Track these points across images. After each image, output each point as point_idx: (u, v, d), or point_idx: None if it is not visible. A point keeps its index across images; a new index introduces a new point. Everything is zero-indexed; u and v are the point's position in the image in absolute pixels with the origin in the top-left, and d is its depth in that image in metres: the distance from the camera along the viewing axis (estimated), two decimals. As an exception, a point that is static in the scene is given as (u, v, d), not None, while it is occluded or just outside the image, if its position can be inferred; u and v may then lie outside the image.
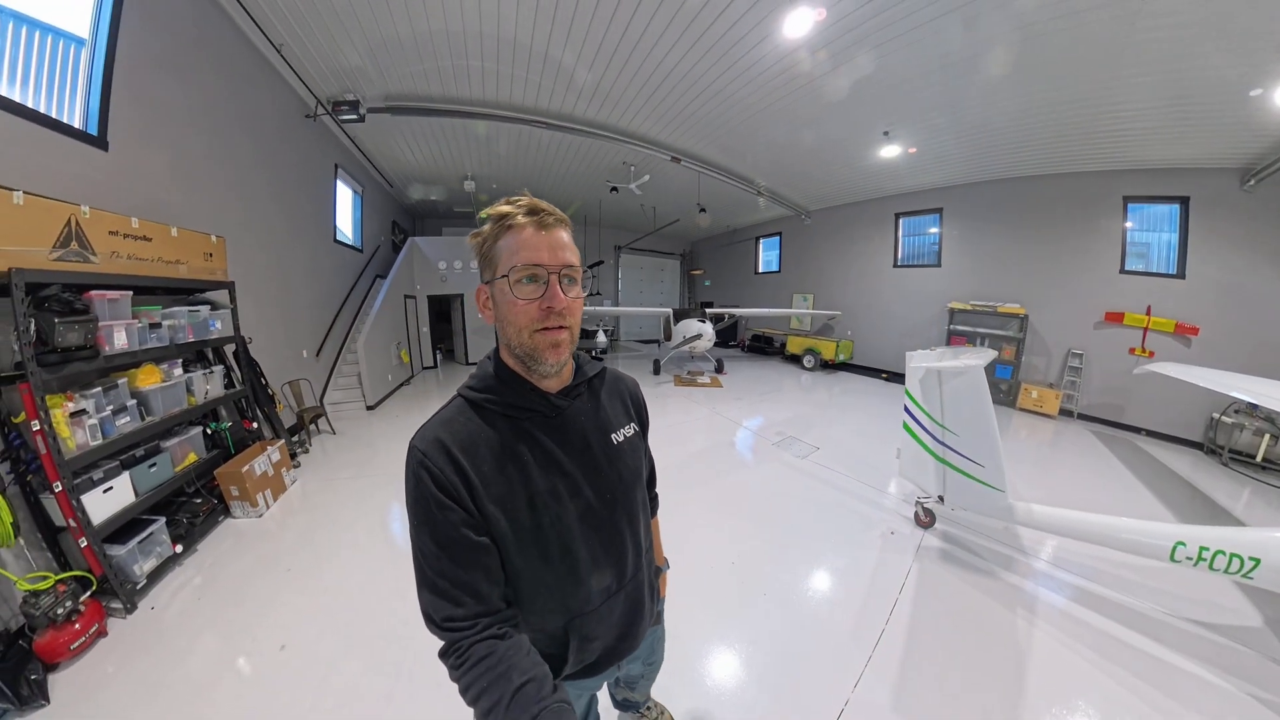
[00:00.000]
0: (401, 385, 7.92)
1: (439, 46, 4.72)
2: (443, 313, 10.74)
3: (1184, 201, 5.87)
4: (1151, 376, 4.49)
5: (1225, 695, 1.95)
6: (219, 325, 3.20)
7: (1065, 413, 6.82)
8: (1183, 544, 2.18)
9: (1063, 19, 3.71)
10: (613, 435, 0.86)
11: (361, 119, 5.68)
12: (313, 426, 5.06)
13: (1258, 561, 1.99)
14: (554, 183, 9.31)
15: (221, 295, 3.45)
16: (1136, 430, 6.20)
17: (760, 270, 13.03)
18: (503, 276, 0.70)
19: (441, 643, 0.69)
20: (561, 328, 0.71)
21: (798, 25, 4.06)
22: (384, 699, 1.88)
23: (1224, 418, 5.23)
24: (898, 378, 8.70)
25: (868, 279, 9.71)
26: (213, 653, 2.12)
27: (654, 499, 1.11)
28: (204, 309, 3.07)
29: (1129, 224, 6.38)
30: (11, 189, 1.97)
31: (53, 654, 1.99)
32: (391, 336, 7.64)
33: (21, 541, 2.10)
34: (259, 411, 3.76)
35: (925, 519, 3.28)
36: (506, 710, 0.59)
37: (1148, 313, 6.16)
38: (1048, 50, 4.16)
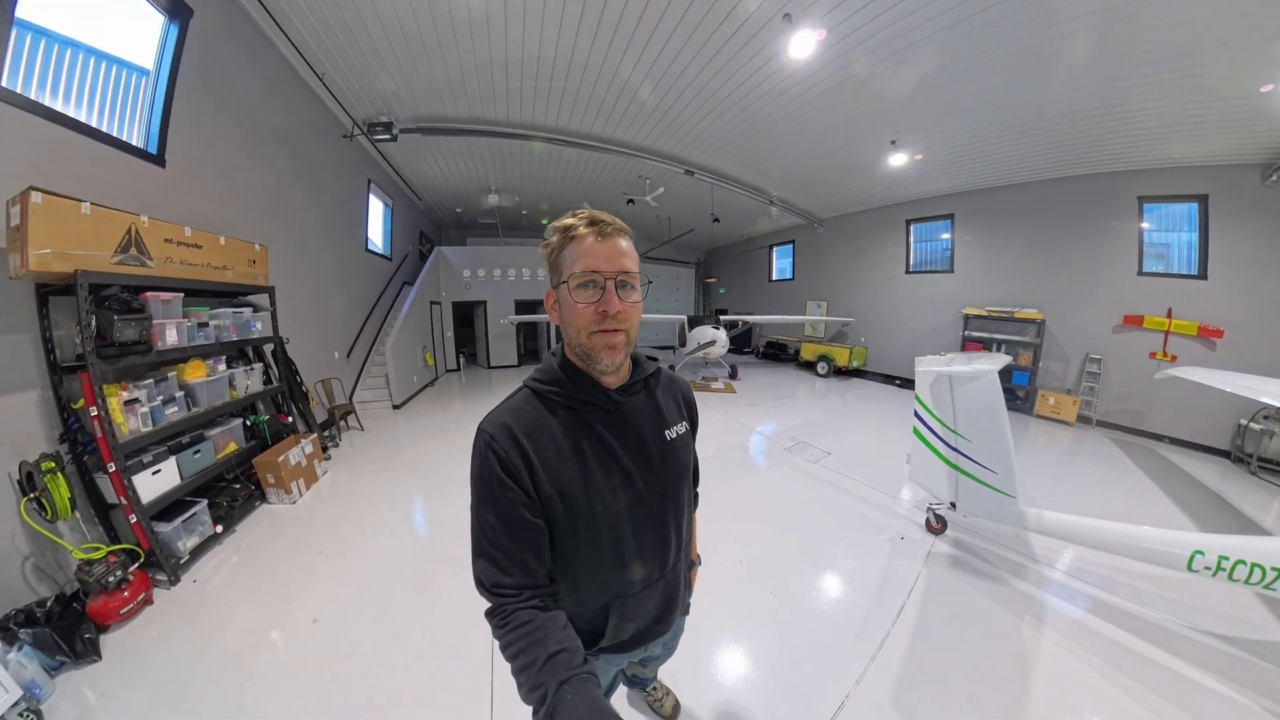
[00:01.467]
0: (426, 386, 8.15)
1: (467, 73, 4.95)
2: (466, 318, 11.03)
3: (1202, 200, 5.57)
4: (1173, 382, 4.14)
5: (1240, 709, 1.84)
6: (260, 326, 3.40)
7: (1084, 419, 6.48)
8: (1201, 553, 2.06)
9: (1065, 24, 3.65)
10: (667, 431, 0.88)
11: (394, 138, 5.96)
12: (342, 423, 5.26)
13: None
14: (573, 196, 9.51)
15: (262, 299, 3.66)
16: (1159, 438, 5.84)
17: (774, 278, 12.94)
18: (564, 282, 0.75)
19: (489, 604, 0.74)
20: (617, 330, 0.74)
21: (802, 47, 4.15)
22: (406, 669, 1.97)
23: (1252, 424, 4.90)
24: (911, 384, 8.48)
25: (880, 285, 9.54)
26: (249, 623, 2.25)
27: (695, 496, 1.10)
28: (247, 311, 3.27)
29: (1145, 225, 6.09)
30: (79, 199, 2.17)
31: (104, 617, 2.14)
32: (417, 340, 7.89)
33: (77, 515, 2.27)
34: (294, 407, 3.96)
35: (936, 525, 3.14)
36: (539, 672, 0.64)
37: (1168, 315, 5.83)
38: (1053, 56, 4.08)
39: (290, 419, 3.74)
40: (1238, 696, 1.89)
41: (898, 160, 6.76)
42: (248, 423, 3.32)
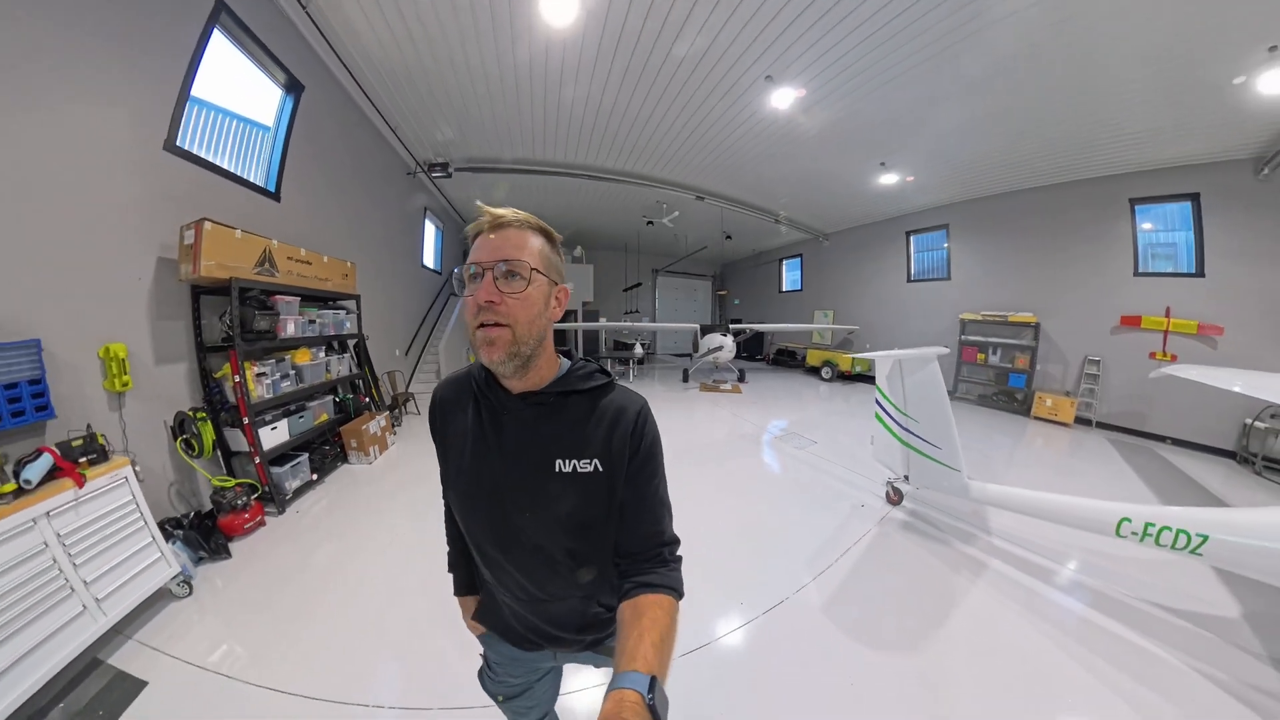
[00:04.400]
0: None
1: (510, 123, 5.70)
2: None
3: (1194, 198, 5.46)
4: (1176, 382, 3.87)
5: (1151, 658, 1.96)
6: (349, 325, 4.13)
7: (1084, 421, 6.34)
8: (1128, 520, 2.17)
9: (1035, 44, 3.82)
10: (558, 461, 0.69)
11: (449, 176, 6.79)
12: (402, 407, 5.98)
13: (1205, 538, 1.95)
14: (599, 218, 10.20)
15: (351, 304, 4.40)
16: (1161, 439, 5.65)
17: (784, 289, 13.18)
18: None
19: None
20: (495, 324, 0.62)
21: (783, 100, 4.73)
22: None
23: (1257, 423, 4.66)
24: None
25: (883, 294, 9.66)
26: (335, 549, 2.80)
27: (649, 569, 0.71)
28: (341, 313, 3.99)
29: (1140, 225, 6.00)
30: (233, 227, 2.88)
31: (230, 530, 2.76)
32: (463, 342, 8.67)
33: (219, 454, 2.93)
34: (370, 389, 4.66)
35: (894, 497, 3.42)
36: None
37: (1167, 314, 5.67)
38: (1026, 75, 4.26)
39: (367, 399, 4.44)
40: (1145, 643, 2.05)
41: (889, 180, 7.03)
42: (336, 399, 4.02)
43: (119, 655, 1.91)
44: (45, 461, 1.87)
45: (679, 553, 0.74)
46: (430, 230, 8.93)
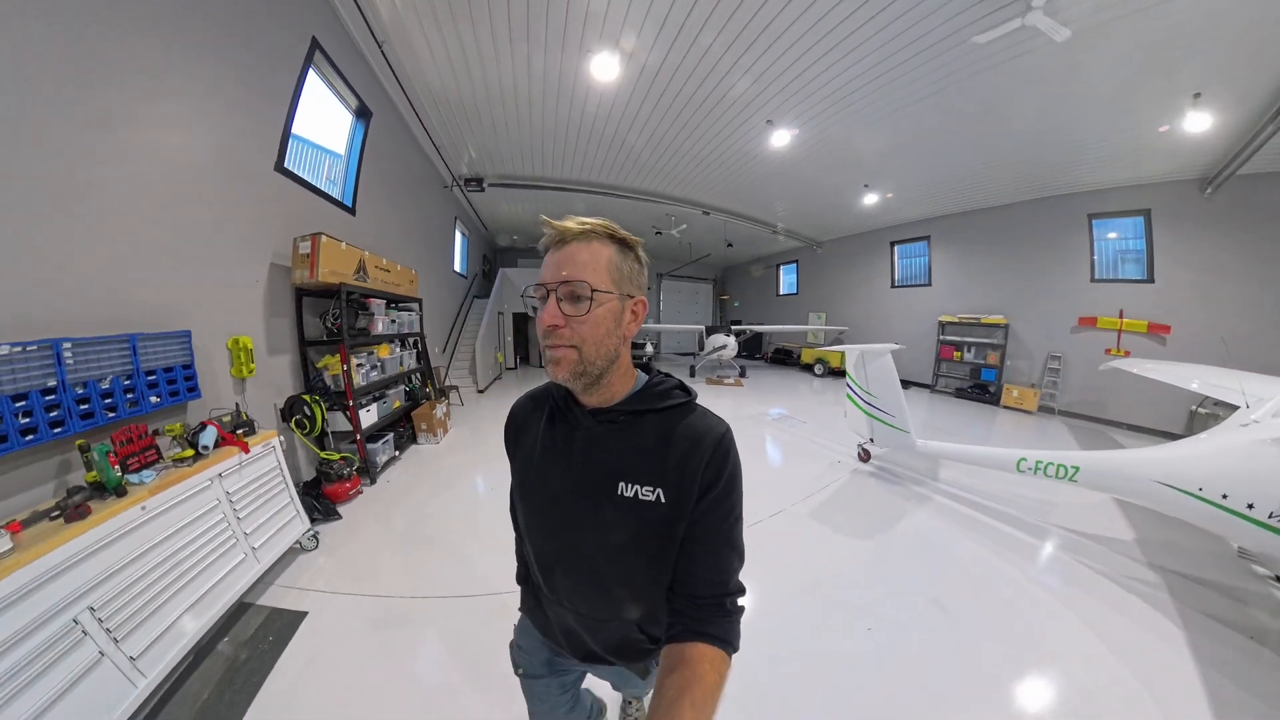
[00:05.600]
0: (496, 379, 9.26)
1: (544, 146, 6.09)
2: (520, 327, 12.19)
3: (1146, 214, 5.91)
4: (1130, 373, 4.26)
5: (1054, 558, 2.67)
6: (414, 325, 4.48)
7: (1046, 409, 6.82)
8: (1024, 459, 2.81)
9: (999, 96, 4.37)
10: (621, 484, 0.63)
11: (483, 190, 7.15)
12: (448, 398, 6.34)
13: (1078, 468, 2.60)
14: (611, 226, 10.58)
15: (415, 306, 4.76)
16: (1118, 424, 6.10)
17: (781, 292, 13.57)
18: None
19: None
20: (558, 346, 0.59)
21: (781, 139, 5.32)
22: (506, 548, 3.00)
23: (1200, 409, 5.10)
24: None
25: (871, 298, 10.11)
26: (423, 508, 3.18)
27: (706, 616, 0.61)
28: (410, 314, 4.35)
29: (1099, 237, 6.47)
30: (339, 240, 3.22)
31: (335, 496, 3.10)
32: (491, 342, 9.01)
33: (329, 431, 3.28)
34: (428, 381, 5.02)
35: (864, 456, 4.11)
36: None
37: (1120, 316, 6.15)
38: (995, 122, 4.80)
39: (428, 389, 4.79)
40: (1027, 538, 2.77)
41: (871, 199, 7.54)
42: (407, 388, 4.37)
43: (266, 597, 2.22)
44: (211, 432, 2.20)
45: (741, 602, 0.63)
46: (458, 238, 9.26)
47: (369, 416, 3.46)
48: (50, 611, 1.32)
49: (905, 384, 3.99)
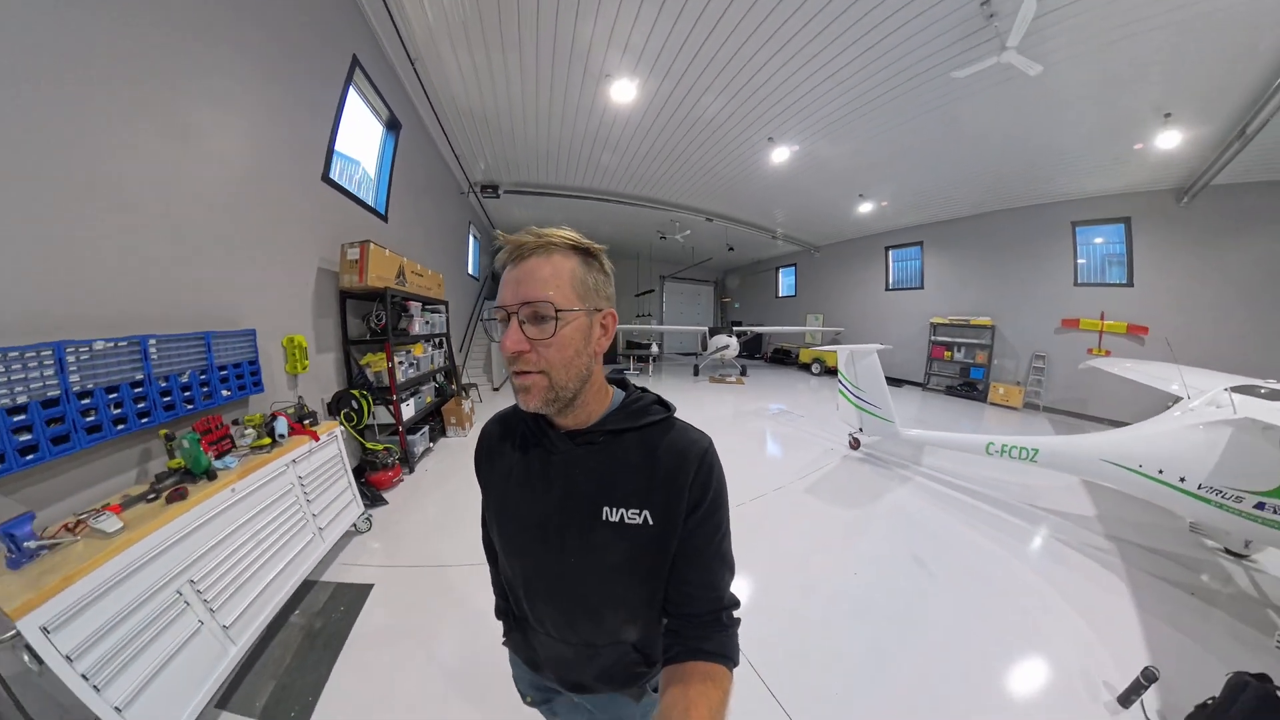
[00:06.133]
0: (507, 379, 9.44)
1: (560, 156, 6.28)
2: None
3: (1126, 221, 6.14)
4: (1109, 372, 4.20)
5: (1018, 528, 2.99)
6: (443, 325, 4.65)
7: (1031, 406, 7.02)
8: (992, 443, 3.17)
9: (982, 116, 4.60)
10: (605, 509, 0.58)
11: (499, 196, 7.32)
12: (468, 394, 6.51)
13: (1037, 450, 2.94)
14: (618, 231, 10.74)
15: (442, 308, 4.93)
16: (1099, 420, 6.25)
17: (780, 294, 13.77)
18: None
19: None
20: (526, 372, 0.53)
21: (781, 156, 5.60)
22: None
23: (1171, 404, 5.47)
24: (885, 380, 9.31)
25: (866, 300, 10.33)
26: (455, 495, 3.34)
27: (703, 633, 0.59)
28: (439, 315, 4.52)
29: (1082, 243, 6.70)
30: (384, 247, 3.40)
31: (379, 484, 3.25)
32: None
33: (373, 424, 3.45)
34: (452, 379, 5.19)
35: (854, 444, 4.43)
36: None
37: (1101, 317, 6.38)
38: (982, 134, 5.02)
39: (454, 385, 4.97)
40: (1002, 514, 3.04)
41: (866, 208, 7.77)
42: (436, 385, 4.54)
43: (328, 574, 2.38)
44: (283, 422, 2.38)
45: (737, 615, 0.61)
46: (470, 242, 9.41)
47: (408, 410, 3.63)
48: (157, 584, 1.43)
49: (899, 382, 4.35)
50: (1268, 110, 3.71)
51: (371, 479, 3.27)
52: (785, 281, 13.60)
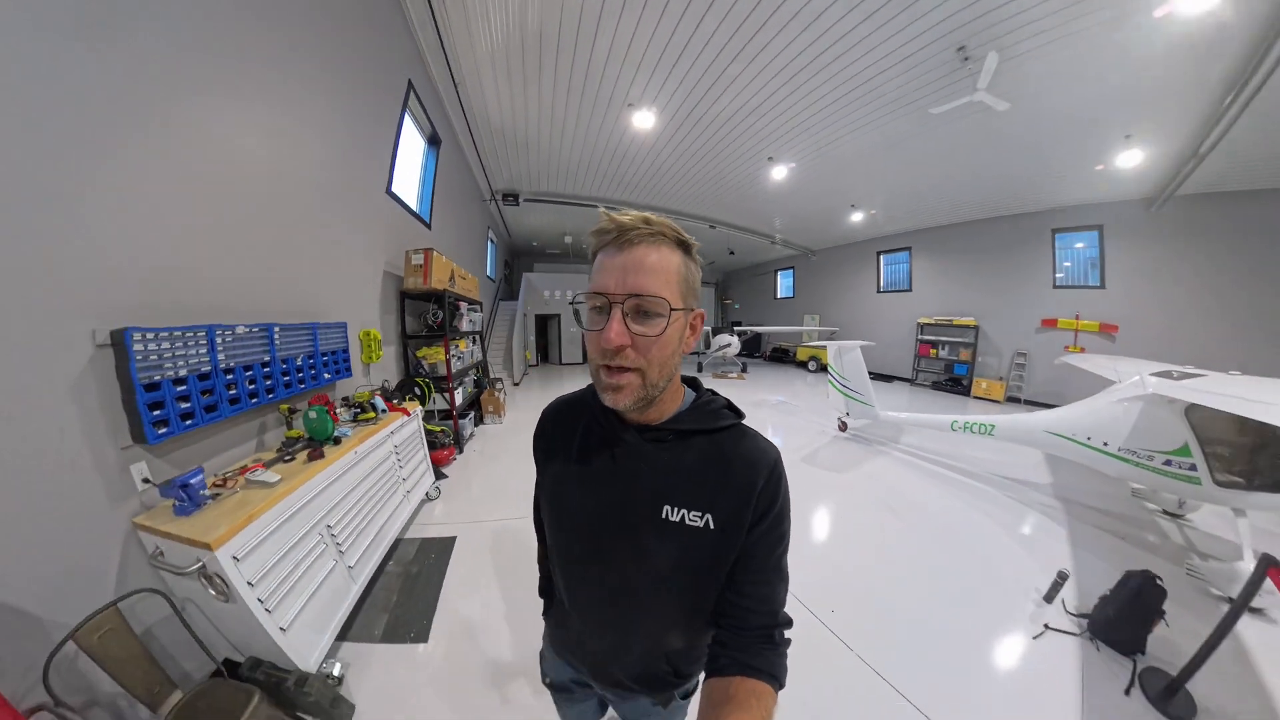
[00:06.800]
0: (525, 374, 9.83)
1: (579, 169, 6.67)
2: (541, 327, 12.72)
3: (1099, 228, 6.52)
4: (1083, 367, 4.09)
5: (980, 490, 3.48)
6: (479, 323, 5.05)
7: (1013, 399, 7.39)
8: (956, 421, 3.70)
9: (961, 140, 5.04)
10: (666, 507, 0.56)
11: (519, 204, 7.71)
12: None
13: (994, 425, 3.46)
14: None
15: (478, 307, 5.32)
16: None
17: (779, 296, 14.11)
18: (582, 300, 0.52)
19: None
20: (621, 369, 0.50)
21: (780, 174, 6.08)
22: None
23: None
24: (874, 376, 9.80)
25: (859, 302, 10.72)
26: (500, 472, 3.70)
27: (753, 648, 0.55)
28: (478, 314, 4.91)
29: (1060, 248, 7.08)
30: (442, 254, 3.78)
31: (438, 461, 3.56)
32: (521, 340, 9.56)
33: (432, 408, 3.84)
34: (486, 371, 5.59)
35: (842, 427, 4.98)
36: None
37: (1076, 317, 6.76)
38: (962, 154, 5.45)
39: (487, 378, 5.36)
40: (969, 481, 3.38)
41: (858, 217, 8.22)
42: (474, 377, 4.93)
43: (410, 532, 2.73)
44: (379, 401, 2.73)
45: (789, 635, 0.57)
46: (489, 246, 9.81)
47: (458, 397, 4.02)
48: (308, 528, 1.65)
49: (889, 378, 4.81)
50: (1215, 133, 4.16)
51: (432, 456, 3.64)
52: (783, 283, 13.95)
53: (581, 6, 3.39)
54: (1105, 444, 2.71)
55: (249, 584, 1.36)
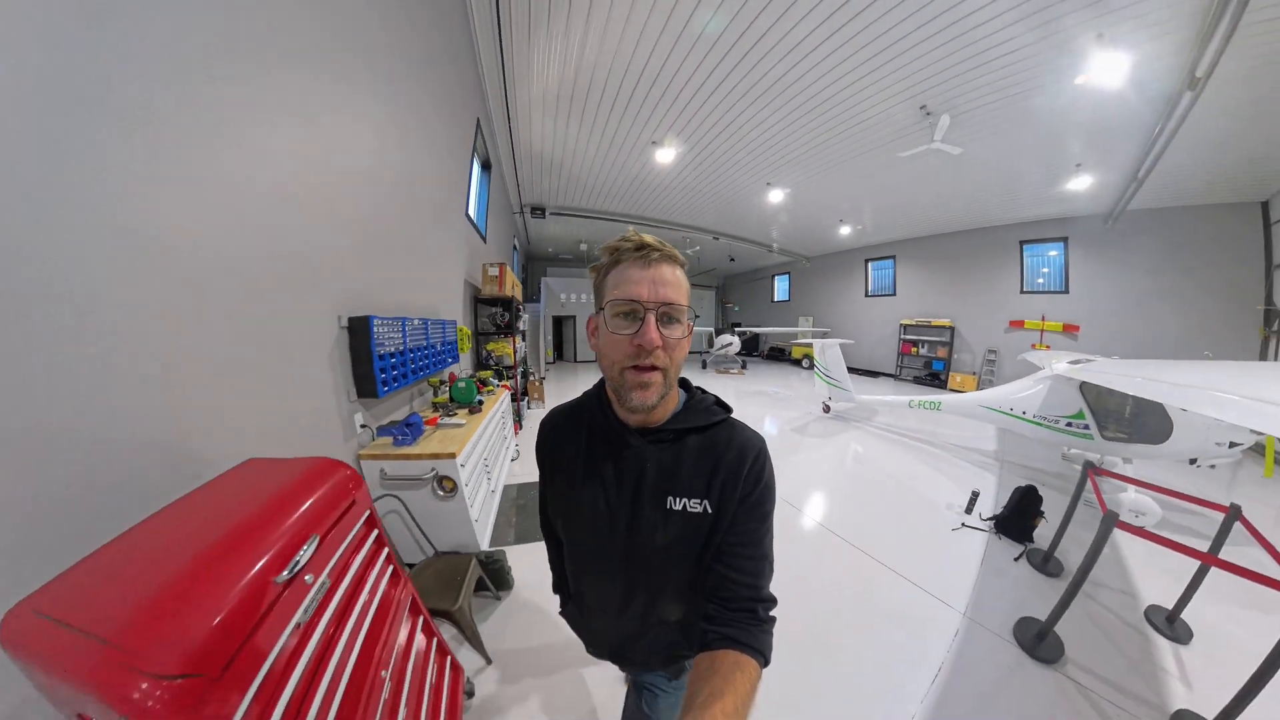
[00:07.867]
0: (547, 369, 10.66)
1: (595, 187, 7.52)
2: (558, 327, 13.53)
3: (1064, 240, 7.32)
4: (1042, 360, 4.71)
5: (934, 453, 4.45)
6: (525, 324, 5.88)
7: None
8: (913, 399, 4.64)
9: (932, 170, 5.98)
10: (669, 498, 0.63)
11: (544, 217, 8.53)
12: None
13: (941, 403, 4.40)
14: (636, 243, 12.04)
15: (523, 309, 6.14)
16: None
17: (776, 299, 14.92)
18: (603, 309, 0.59)
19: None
20: (653, 368, 0.57)
21: (777, 197, 7.06)
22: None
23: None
24: (862, 372, 10.73)
25: (849, 305, 11.62)
26: None
27: (738, 622, 0.58)
28: (525, 315, 5.74)
29: (1026, 258, 7.97)
30: (508, 266, 4.60)
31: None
32: (542, 339, 10.36)
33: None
34: (527, 364, 6.42)
35: (825, 409, 5.94)
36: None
37: (1042, 319, 7.59)
38: (935, 181, 6.41)
39: (529, 370, 6.20)
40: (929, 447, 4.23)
41: (845, 230, 9.18)
42: (521, 369, 5.76)
43: (507, 480, 3.55)
44: (492, 380, 3.54)
45: (773, 614, 0.61)
46: (513, 255, 10.62)
47: (519, 384, 4.84)
48: (480, 456, 2.38)
49: (875, 373, 5.76)
50: (1148, 160, 5.00)
51: (499, 431, 4.46)
52: (780, 287, 14.79)
53: (630, 58, 4.14)
54: (1025, 412, 3.64)
55: (465, 485, 2.03)
